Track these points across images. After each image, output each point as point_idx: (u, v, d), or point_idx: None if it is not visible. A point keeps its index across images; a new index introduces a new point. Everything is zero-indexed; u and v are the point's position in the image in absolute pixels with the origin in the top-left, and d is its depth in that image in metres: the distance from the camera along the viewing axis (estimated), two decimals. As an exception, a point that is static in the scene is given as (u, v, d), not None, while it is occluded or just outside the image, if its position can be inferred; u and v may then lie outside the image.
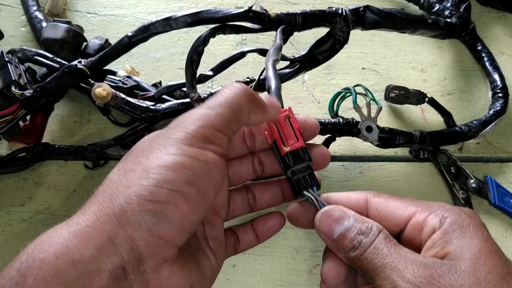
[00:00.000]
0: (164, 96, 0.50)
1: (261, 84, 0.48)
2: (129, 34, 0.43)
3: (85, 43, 0.52)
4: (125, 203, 0.24)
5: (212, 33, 0.43)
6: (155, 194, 0.24)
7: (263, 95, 0.31)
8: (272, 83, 0.35)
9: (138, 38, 0.43)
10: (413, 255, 0.28)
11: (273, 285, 0.50)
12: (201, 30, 0.44)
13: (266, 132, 0.34)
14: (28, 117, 0.49)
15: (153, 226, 0.24)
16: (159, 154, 0.26)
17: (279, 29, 0.43)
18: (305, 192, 0.33)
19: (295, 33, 0.47)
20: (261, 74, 0.45)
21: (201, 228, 0.32)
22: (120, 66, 0.54)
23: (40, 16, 0.55)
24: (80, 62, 0.44)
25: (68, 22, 0.50)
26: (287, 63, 0.50)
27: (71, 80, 0.44)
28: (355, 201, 0.32)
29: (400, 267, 0.27)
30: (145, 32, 0.43)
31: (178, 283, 0.26)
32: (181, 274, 0.26)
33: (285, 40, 0.45)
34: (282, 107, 0.33)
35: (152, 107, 0.46)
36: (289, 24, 0.45)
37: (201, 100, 0.43)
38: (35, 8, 0.55)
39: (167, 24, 0.42)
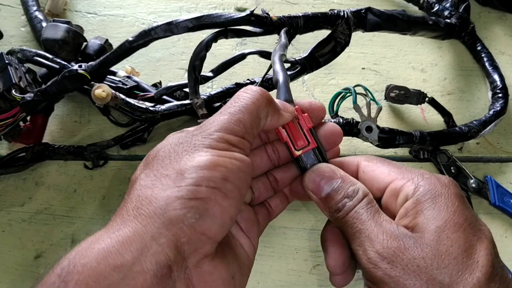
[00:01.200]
0: (164, 97, 0.50)
1: (264, 85, 0.48)
2: (130, 39, 0.43)
3: (85, 43, 0.52)
4: (166, 204, 0.24)
5: (214, 38, 0.42)
6: (195, 192, 0.25)
7: (277, 99, 0.31)
8: (280, 76, 0.35)
9: (139, 43, 0.43)
10: (388, 225, 0.28)
11: (273, 285, 0.50)
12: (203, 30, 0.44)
13: (277, 132, 0.34)
14: (28, 118, 0.49)
15: (196, 222, 0.24)
16: (190, 157, 0.26)
17: (283, 30, 0.43)
18: None
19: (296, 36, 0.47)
20: (265, 75, 0.45)
21: None
22: (120, 67, 0.54)
23: (40, 16, 0.55)
24: (80, 66, 0.44)
25: (68, 22, 0.50)
26: (288, 65, 0.50)
27: (71, 84, 0.44)
28: (347, 164, 0.33)
29: (373, 236, 0.28)
30: (146, 37, 0.43)
31: (220, 276, 0.26)
32: (222, 267, 0.26)
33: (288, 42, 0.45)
34: (293, 101, 0.33)
35: (151, 108, 0.46)
36: (291, 27, 0.44)
37: (204, 106, 0.43)
38: (35, 8, 0.55)
39: (168, 29, 0.42)
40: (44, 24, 0.53)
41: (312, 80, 0.59)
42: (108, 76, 0.50)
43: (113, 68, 0.52)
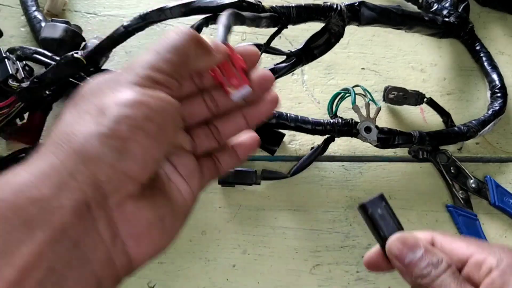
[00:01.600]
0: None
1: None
2: (125, 23, 0.44)
3: (83, 43, 0.52)
4: (85, 141, 0.24)
5: (205, 22, 0.44)
6: (115, 130, 0.24)
7: (209, 39, 0.31)
8: (220, 20, 0.34)
9: (134, 27, 0.44)
10: None
11: (272, 285, 0.51)
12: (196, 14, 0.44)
13: (211, 74, 0.33)
14: (26, 117, 0.49)
15: (116, 162, 0.24)
16: (113, 94, 0.25)
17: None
18: None
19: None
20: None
21: (169, 164, 0.31)
22: (120, 66, 0.54)
23: (39, 16, 0.55)
24: (76, 52, 0.44)
25: (67, 22, 0.50)
26: (283, 57, 0.50)
27: (68, 70, 0.44)
28: (422, 237, 0.33)
29: None
30: (141, 21, 0.43)
31: (145, 217, 0.26)
32: (147, 208, 0.26)
33: (279, 31, 0.46)
34: (227, 43, 0.33)
35: None
36: (283, 16, 0.45)
37: None
38: (34, 8, 0.55)
39: (162, 13, 0.43)
40: (43, 24, 0.53)
41: (311, 80, 0.59)
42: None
43: (112, 67, 0.52)
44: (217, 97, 0.33)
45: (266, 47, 0.46)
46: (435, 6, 0.61)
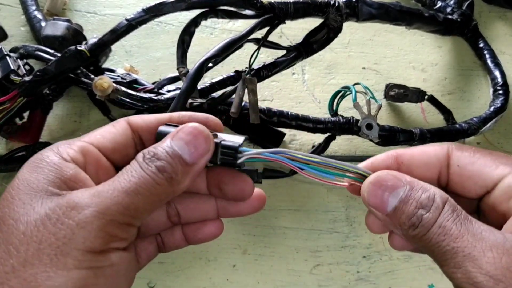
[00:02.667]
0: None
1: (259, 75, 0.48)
2: (128, 17, 0.44)
3: (84, 42, 0.52)
4: None
5: (204, 15, 0.44)
6: None
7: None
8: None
9: (137, 21, 0.44)
10: (492, 235, 0.22)
11: (273, 285, 0.50)
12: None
13: None
14: (26, 116, 0.49)
15: None
16: (50, 271, 0.20)
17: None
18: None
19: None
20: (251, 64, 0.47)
21: None
22: (120, 65, 0.54)
23: (39, 15, 0.55)
24: (80, 46, 0.44)
25: (68, 21, 0.50)
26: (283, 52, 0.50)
27: (71, 63, 0.44)
28: (434, 156, 0.26)
29: (476, 253, 0.22)
30: (144, 14, 0.44)
31: None
32: None
33: (276, 26, 0.46)
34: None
35: (154, 97, 0.46)
36: (281, 12, 0.45)
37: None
38: (34, 7, 0.55)
39: (164, 7, 0.43)
40: (43, 24, 0.53)
41: (312, 79, 0.59)
42: (107, 73, 0.50)
43: (112, 66, 0.52)
44: (181, 209, 0.29)
45: (264, 41, 0.46)
46: (439, 4, 0.61)
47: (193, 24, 0.44)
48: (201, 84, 0.48)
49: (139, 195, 0.23)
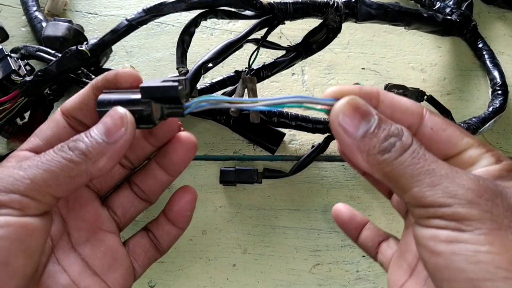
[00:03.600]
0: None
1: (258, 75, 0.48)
2: (128, 17, 0.44)
3: (85, 43, 0.52)
4: None
5: (204, 15, 0.44)
6: None
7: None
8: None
9: (138, 21, 0.44)
10: (465, 170, 0.23)
11: (273, 284, 0.50)
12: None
13: None
14: (27, 116, 0.49)
15: None
16: None
17: None
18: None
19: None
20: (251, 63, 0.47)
21: (74, 258, 0.29)
22: (121, 66, 0.54)
23: (40, 16, 0.55)
24: (81, 46, 0.45)
25: (69, 21, 0.51)
26: (283, 52, 0.50)
27: (72, 63, 0.44)
28: (411, 109, 0.26)
29: (454, 174, 0.22)
30: (144, 14, 0.44)
31: None
32: None
33: (275, 26, 0.46)
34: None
35: None
36: (281, 12, 0.45)
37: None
38: (35, 8, 0.55)
39: (164, 7, 0.44)
40: (44, 24, 0.53)
41: (312, 80, 0.59)
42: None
43: (112, 67, 0.52)
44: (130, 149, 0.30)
45: (263, 41, 0.47)
46: (438, 4, 0.62)
47: (193, 24, 0.45)
48: (201, 84, 0.49)
49: (39, 170, 0.24)
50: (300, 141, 0.55)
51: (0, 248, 0.23)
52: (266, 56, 0.59)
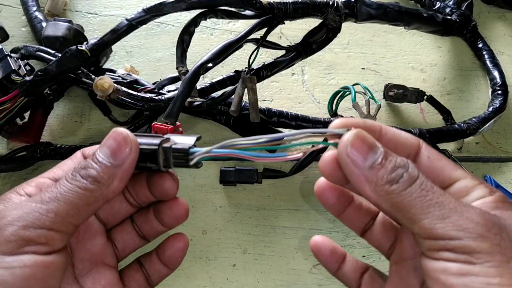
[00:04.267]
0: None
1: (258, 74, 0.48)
2: (128, 17, 0.44)
3: (85, 42, 0.52)
4: None
5: (203, 15, 0.44)
6: None
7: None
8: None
9: (138, 21, 0.44)
10: (471, 204, 0.24)
11: (273, 284, 0.50)
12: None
13: None
14: (27, 116, 0.49)
15: None
16: None
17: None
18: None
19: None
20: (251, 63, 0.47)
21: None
22: (121, 66, 0.54)
23: (40, 16, 0.55)
24: (81, 45, 0.45)
25: (69, 21, 0.51)
26: (283, 52, 0.50)
27: (72, 63, 0.44)
28: (410, 141, 0.27)
29: (459, 208, 0.23)
30: (144, 14, 0.44)
31: None
32: None
33: (274, 26, 0.46)
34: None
35: (155, 97, 0.47)
36: (280, 12, 0.45)
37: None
38: (35, 8, 0.55)
39: (164, 7, 0.44)
40: (44, 24, 0.53)
41: (312, 80, 0.59)
42: (107, 73, 0.50)
43: (112, 67, 0.52)
44: (134, 188, 0.31)
45: (263, 41, 0.47)
46: (438, 4, 0.62)
47: (193, 24, 0.45)
48: (201, 84, 0.49)
49: (60, 202, 0.25)
50: (300, 140, 0.55)
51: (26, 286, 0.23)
52: (266, 56, 0.59)
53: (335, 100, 0.52)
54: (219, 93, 0.49)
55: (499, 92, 0.58)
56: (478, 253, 0.22)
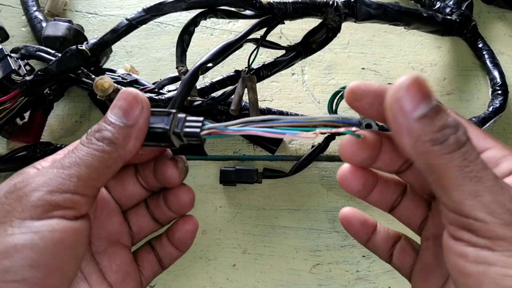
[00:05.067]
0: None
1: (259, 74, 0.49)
2: (128, 16, 0.44)
3: (85, 42, 0.52)
4: None
5: (203, 15, 0.45)
6: None
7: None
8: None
9: (138, 20, 0.44)
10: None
11: (273, 284, 0.50)
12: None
13: None
14: (27, 116, 0.49)
15: None
16: None
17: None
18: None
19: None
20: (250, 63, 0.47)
21: (93, 266, 0.30)
22: (121, 66, 0.54)
23: (40, 16, 0.55)
24: (81, 45, 0.45)
25: (69, 21, 0.51)
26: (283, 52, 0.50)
27: (72, 62, 0.44)
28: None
29: (494, 189, 0.21)
30: (144, 14, 0.44)
31: None
32: None
33: (274, 26, 0.47)
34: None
35: (155, 97, 0.47)
36: (280, 12, 0.45)
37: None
38: (35, 8, 0.55)
39: (164, 7, 0.44)
40: (44, 24, 0.54)
41: (311, 80, 0.59)
42: (107, 73, 0.50)
43: (112, 67, 0.52)
44: (146, 173, 0.31)
45: (262, 41, 0.47)
46: (438, 4, 0.62)
47: (193, 23, 0.45)
48: (201, 84, 0.49)
49: (81, 166, 0.24)
50: (300, 141, 0.55)
51: (57, 253, 0.23)
52: (266, 56, 0.59)
53: (335, 100, 0.52)
54: (219, 92, 0.49)
55: (499, 92, 0.58)
56: (501, 240, 0.21)
